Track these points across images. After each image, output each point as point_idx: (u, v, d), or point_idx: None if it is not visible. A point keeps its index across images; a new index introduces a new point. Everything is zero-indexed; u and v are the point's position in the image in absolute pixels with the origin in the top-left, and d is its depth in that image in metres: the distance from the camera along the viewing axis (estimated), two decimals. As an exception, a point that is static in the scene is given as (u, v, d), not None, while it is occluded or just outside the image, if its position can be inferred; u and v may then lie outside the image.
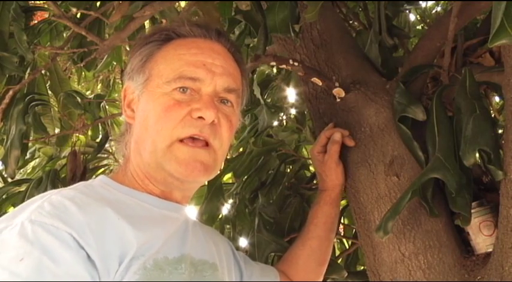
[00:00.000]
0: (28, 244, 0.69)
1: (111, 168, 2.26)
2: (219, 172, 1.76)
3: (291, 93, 2.10)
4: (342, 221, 1.87)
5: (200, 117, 0.86)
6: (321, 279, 1.27)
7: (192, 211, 1.84)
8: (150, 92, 0.88)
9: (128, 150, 0.94)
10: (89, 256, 0.72)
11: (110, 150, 2.20)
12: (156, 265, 0.78)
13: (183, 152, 0.85)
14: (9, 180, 1.87)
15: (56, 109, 2.04)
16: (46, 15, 2.06)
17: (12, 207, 1.83)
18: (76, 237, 0.72)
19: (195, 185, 0.94)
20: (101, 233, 0.75)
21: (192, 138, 0.86)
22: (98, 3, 1.88)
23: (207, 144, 0.88)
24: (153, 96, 0.88)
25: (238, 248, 1.60)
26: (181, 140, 0.86)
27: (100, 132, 2.18)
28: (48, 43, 1.97)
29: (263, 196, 1.65)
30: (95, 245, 0.73)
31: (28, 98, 1.80)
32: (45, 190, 1.58)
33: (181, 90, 0.87)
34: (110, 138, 2.01)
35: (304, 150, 2.11)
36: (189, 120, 0.86)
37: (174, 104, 0.86)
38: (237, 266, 1.08)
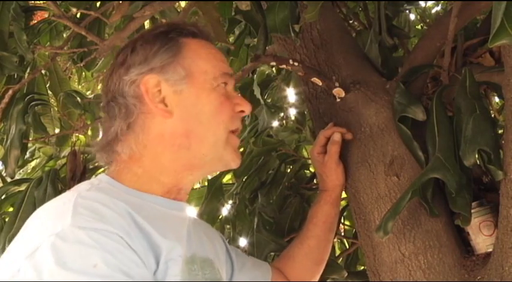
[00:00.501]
0: (92, 249, 0.71)
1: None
2: (218, 172, 1.76)
3: (291, 93, 2.10)
4: (342, 221, 1.87)
5: (241, 111, 0.97)
6: (317, 279, 1.27)
7: (192, 211, 1.84)
8: (198, 88, 0.92)
9: (139, 148, 0.90)
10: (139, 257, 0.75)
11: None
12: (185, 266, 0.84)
13: (236, 143, 0.96)
14: (9, 179, 1.87)
15: (56, 109, 2.04)
16: (46, 15, 2.06)
17: (11, 207, 1.83)
18: (126, 239, 0.74)
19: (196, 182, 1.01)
20: (137, 235, 0.77)
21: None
22: (98, 3, 1.88)
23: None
24: (205, 92, 0.92)
25: (238, 248, 1.60)
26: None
27: (100, 132, 2.18)
28: (48, 43, 1.97)
29: (263, 196, 1.65)
30: (140, 247, 0.76)
31: (28, 97, 1.79)
32: (45, 190, 1.58)
33: (223, 85, 0.95)
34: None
35: (304, 150, 2.11)
36: (236, 115, 0.96)
37: (226, 99, 0.94)
38: (229, 258, 1.10)
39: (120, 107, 0.91)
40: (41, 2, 2.01)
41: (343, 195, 1.34)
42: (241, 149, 2.07)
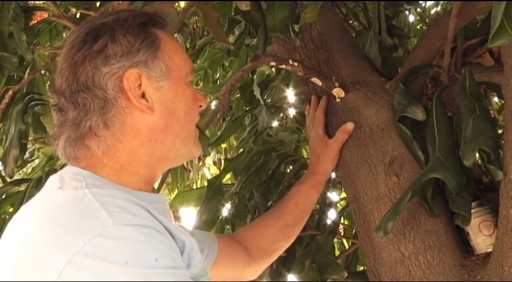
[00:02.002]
0: (147, 244, 0.72)
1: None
2: (219, 172, 1.76)
3: (290, 93, 2.10)
4: (342, 221, 1.87)
5: (201, 106, 0.99)
6: (278, 255, 1.33)
7: (192, 212, 1.84)
8: (175, 84, 0.92)
9: (113, 144, 0.86)
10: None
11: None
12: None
13: (197, 133, 0.98)
14: (8, 180, 1.87)
15: (56, 109, 2.03)
16: (45, 15, 2.06)
17: (11, 207, 1.83)
18: (160, 231, 0.76)
19: None
20: (162, 229, 0.79)
21: None
22: (98, 3, 1.88)
23: None
24: (180, 88, 0.93)
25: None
26: None
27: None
28: (48, 43, 1.97)
29: (257, 192, 1.66)
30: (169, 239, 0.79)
31: (27, 97, 1.79)
32: (45, 190, 1.58)
33: (190, 81, 0.97)
34: None
35: (304, 150, 2.11)
36: (199, 109, 0.98)
37: (195, 96, 0.96)
38: None
39: (97, 100, 0.84)
40: (41, 2, 2.00)
41: (343, 195, 1.34)
42: (241, 150, 2.07)
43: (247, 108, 2.12)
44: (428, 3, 2.39)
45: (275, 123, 2.03)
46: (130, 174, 0.87)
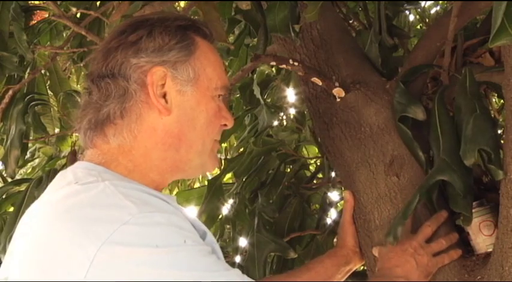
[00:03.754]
0: (174, 227, 0.74)
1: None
2: (219, 172, 1.76)
3: (290, 93, 2.10)
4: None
5: (225, 125, 0.97)
6: None
7: (192, 211, 1.84)
8: (201, 93, 0.91)
9: (129, 138, 0.87)
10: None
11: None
12: None
13: (217, 149, 0.97)
14: (9, 180, 1.88)
15: (56, 109, 2.04)
16: (46, 15, 2.06)
17: (12, 207, 1.83)
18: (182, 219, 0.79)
19: None
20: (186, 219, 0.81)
21: None
22: (98, 3, 1.88)
23: None
24: (205, 99, 0.91)
25: (238, 248, 1.60)
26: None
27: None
28: (48, 43, 1.97)
29: (263, 196, 1.65)
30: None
31: (28, 97, 1.79)
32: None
33: (220, 97, 0.94)
34: None
35: (304, 150, 2.11)
36: (221, 127, 0.96)
37: (219, 111, 0.94)
38: None
39: (118, 88, 0.86)
40: (41, 2, 2.01)
41: (342, 195, 1.34)
42: (241, 149, 2.07)
43: (247, 108, 2.12)
44: (428, 3, 2.39)
45: (275, 123, 2.03)
46: (141, 176, 0.87)
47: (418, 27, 2.46)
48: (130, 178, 0.86)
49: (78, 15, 1.84)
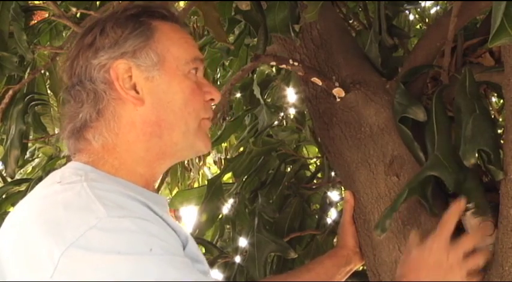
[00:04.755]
0: (142, 235, 0.71)
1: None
2: (219, 172, 1.76)
3: (290, 93, 2.10)
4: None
5: (211, 99, 0.94)
6: None
7: (192, 211, 1.84)
8: (170, 75, 0.89)
9: (111, 136, 0.87)
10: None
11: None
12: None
13: (206, 127, 0.94)
14: (9, 179, 1.88)
15: (56, 109, 2.04)
16: (46, 15, 2.06)
17: (11, 207, 1.83)
18: (159, 225, 0.76)
19: None
20: (163, 223, 0.78)
21: None
22: (98, 3, 1.88)
23: None
24: (176, 79, 0.89)
25: (238, 248, 1.60)
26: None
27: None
28: (48, 43, 1.97)
29: (263, 196, 1.65)
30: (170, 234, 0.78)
31: (28, 97, 1.80)
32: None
33: (194, 71, 0.92)
34: None
35: (304, 150, 2.11)
36: (207, 103, 0.94)
37: (198, 88, 0.91)
38: None
39: (88, 93, 0.86)
40: (41, 2, 2.01)
41: (342, 195, 1.34)
42: (241, 149, 2.07)
43: (247, 108, 2.12)
44: (428, 3, 2.39)
45: (275, 123, 2.03)
46: (128, 173, 0.86)
47: (418, 27, 2.46)
48: (118, 176, 0.85)
49: (78, 15, 1.84)
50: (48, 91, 2.07)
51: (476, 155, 1.03)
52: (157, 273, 0.68)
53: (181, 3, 2.32)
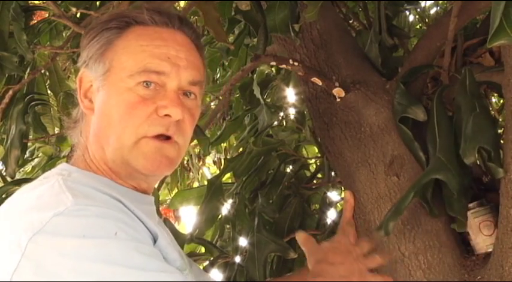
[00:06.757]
0: (107, 220, 0.72)
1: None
2: (218, 172, 1.76)
3: (290, 93, 2.10)
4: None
5: (167, 115, 0.84)
6: None
7: (192, 211, 1.84)
8: (112, 86, 0.84)
9: (84, 139, 0.89)
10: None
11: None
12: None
13: (151, 148, 0.84)
14: (9, 179, 1.87)
15: (56, 109, 2.04)
16: (46, 14, 2.06)
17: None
18: (128, 217, 0.77)
19: (159, 177, 0.96)
20: (134, 217, 0.78)
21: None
22: (98, 3, 1.88)
23: (170, 137, 0.86)
24: (117, 91, 0.84)
25: (238, 248, 1.60)
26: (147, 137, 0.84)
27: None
28: (48, 43, 1.97)
29: (263, 196, 1.65)
30: (139, 226, 0.78)
31: (28, 97, 1.79)
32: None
33: (145, 84, 0.83)
34: None
35: (304, 150, 2.10)
36: (155, 119, 0.83)
37: (139, 101, 0.83)
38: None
39: (75, 95, 0.92)
40: (41, 2, 2.00)
41: (343, 195, 1.34)
42: (241, 149, 2.07)
43: (247, 108, 2.11)
44: (428, 3, 2.39)
45: (275, 123, 2.03)
46: (110, 173, 0.87)
47: (418, 27, 2.46)
48: (104, 176, 0.86)
49: (78, 15, 1.84)
50: (48, 91, 2.07)
51: (477, 154, 1.03)
52: (121, 256, 0.69)
53: (181, 3, 2.32)
